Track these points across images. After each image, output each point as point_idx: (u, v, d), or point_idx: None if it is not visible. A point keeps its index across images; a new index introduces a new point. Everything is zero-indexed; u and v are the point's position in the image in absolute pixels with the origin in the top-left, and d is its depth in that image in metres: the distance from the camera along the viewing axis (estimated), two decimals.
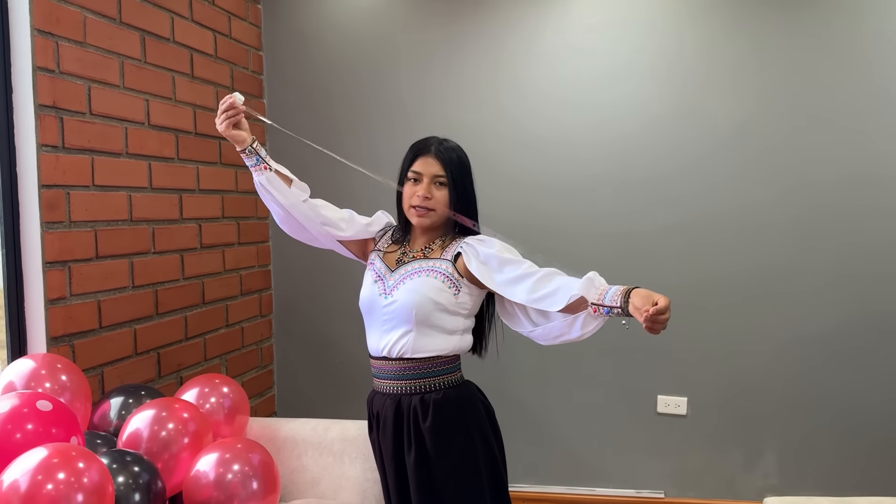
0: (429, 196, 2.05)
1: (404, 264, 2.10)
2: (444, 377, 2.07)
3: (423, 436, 2.03)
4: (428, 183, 2.06)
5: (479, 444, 2.05)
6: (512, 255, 2.01)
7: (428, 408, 2.03)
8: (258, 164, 2.18)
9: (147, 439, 2.09)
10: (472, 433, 2.05)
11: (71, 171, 2.47)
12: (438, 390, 2.05)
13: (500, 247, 2.02)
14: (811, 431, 3.41)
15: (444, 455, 2.01)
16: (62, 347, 2.45)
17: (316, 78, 3.74)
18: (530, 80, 3.53)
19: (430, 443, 2.02)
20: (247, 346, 3.62)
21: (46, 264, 2.38)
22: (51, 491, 1.65)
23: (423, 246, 2.13)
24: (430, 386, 2.05)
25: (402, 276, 2.07)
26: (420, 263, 2.08)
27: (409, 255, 2.13)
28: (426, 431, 2.02)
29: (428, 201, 2.05)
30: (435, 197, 2.06)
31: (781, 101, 3.34)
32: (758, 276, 3.39)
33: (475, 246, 2.03)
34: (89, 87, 2.55)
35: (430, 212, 2.07)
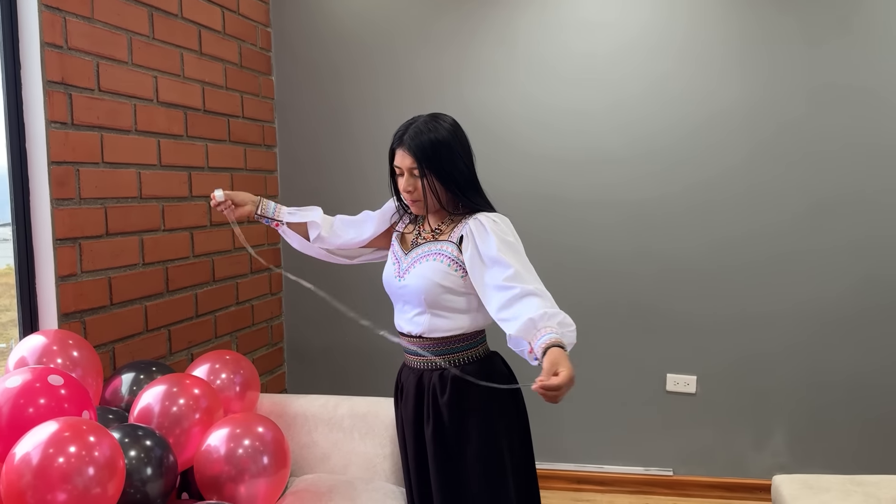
0: (410, 189, 2.05)
1: (416, 247, 2.11)
2: (466, 353, 2.07)
3: (441, 410, 2.04)
4: (407, 176, 2.04)
5: (497, 420, 2.04)
6: (509, 250, 1.92)
7: (446, 383, 2.04)
8: (271, 223, 2.32)
9: (158, 414, 2.10)
10: (489, 409, 2.04)
11: (80, 147, 2.47)
12: (458, 366, 2.05)
13: (499, 241, 1.93)
14: (821, 409, 3.40)
15: (460, 430, 2.02)
16: (73, 324, 2.45)
17: (325, 55, 3.71)
18: (543, 55, 3.50)
19: (447, 417, 2.03)
20: (257, 324, 3.63)
21: (57, 241, 2.39)
22: (62, 465, 1.64)
23: (435, 226, 2.12)
24: (450, 362, 2.06)
25: (413, 259, 2.08)
26: (429, 246, 2.07)
27: (421, 236, 2.13)
28: (444, 407, 2.04)
29: (411, 194, 2.06)
30: (417, 189, 2.04)
31: (795, 75, 3.30)
32: (769, 254, 3.38)
33: (475, 236, 1.96)
34: (97, 63, 2.54)
35: (419, 202, 2.06)
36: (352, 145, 3.71)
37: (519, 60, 3.52)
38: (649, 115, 3.43)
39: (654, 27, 3.39)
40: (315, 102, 3.75)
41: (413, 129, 2.02)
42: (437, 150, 2.00)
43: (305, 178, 3.80)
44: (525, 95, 3.53)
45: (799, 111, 3.31)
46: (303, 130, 3.80)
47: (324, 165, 3.78)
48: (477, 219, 2.00)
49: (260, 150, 3.65)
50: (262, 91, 3.66)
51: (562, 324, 1.77)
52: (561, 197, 3.52)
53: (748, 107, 3.35)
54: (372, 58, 3.67)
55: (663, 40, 3.39)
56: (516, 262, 1.89)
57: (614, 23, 3.42)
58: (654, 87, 3.41)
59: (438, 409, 2.05)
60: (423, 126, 2.02)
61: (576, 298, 3.54)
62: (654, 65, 3.41)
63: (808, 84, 3.30)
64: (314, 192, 3.77)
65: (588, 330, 3.56)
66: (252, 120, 3.57)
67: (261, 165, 3.65)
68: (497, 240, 1.93)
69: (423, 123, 2.03)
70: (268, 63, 3.73)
